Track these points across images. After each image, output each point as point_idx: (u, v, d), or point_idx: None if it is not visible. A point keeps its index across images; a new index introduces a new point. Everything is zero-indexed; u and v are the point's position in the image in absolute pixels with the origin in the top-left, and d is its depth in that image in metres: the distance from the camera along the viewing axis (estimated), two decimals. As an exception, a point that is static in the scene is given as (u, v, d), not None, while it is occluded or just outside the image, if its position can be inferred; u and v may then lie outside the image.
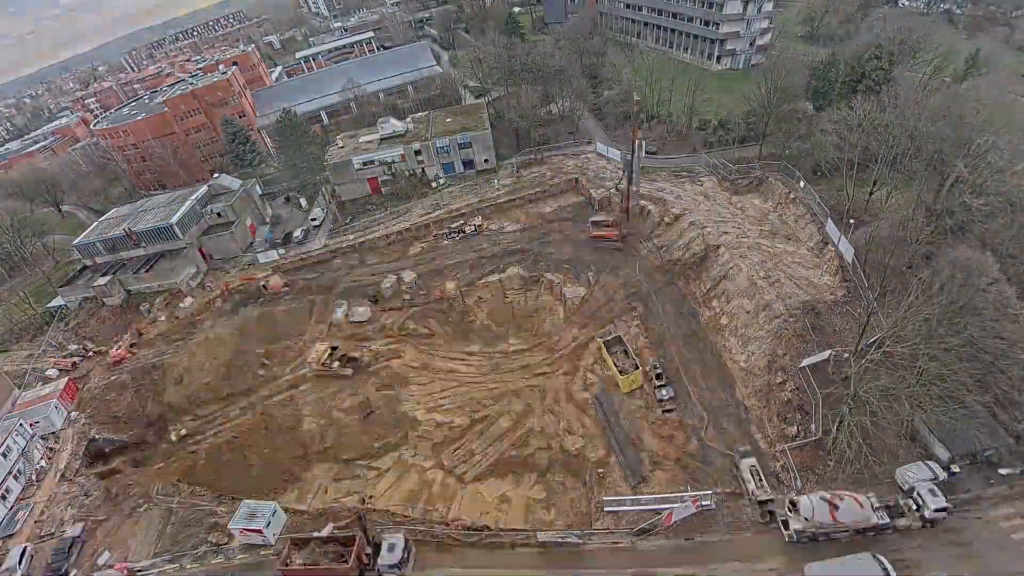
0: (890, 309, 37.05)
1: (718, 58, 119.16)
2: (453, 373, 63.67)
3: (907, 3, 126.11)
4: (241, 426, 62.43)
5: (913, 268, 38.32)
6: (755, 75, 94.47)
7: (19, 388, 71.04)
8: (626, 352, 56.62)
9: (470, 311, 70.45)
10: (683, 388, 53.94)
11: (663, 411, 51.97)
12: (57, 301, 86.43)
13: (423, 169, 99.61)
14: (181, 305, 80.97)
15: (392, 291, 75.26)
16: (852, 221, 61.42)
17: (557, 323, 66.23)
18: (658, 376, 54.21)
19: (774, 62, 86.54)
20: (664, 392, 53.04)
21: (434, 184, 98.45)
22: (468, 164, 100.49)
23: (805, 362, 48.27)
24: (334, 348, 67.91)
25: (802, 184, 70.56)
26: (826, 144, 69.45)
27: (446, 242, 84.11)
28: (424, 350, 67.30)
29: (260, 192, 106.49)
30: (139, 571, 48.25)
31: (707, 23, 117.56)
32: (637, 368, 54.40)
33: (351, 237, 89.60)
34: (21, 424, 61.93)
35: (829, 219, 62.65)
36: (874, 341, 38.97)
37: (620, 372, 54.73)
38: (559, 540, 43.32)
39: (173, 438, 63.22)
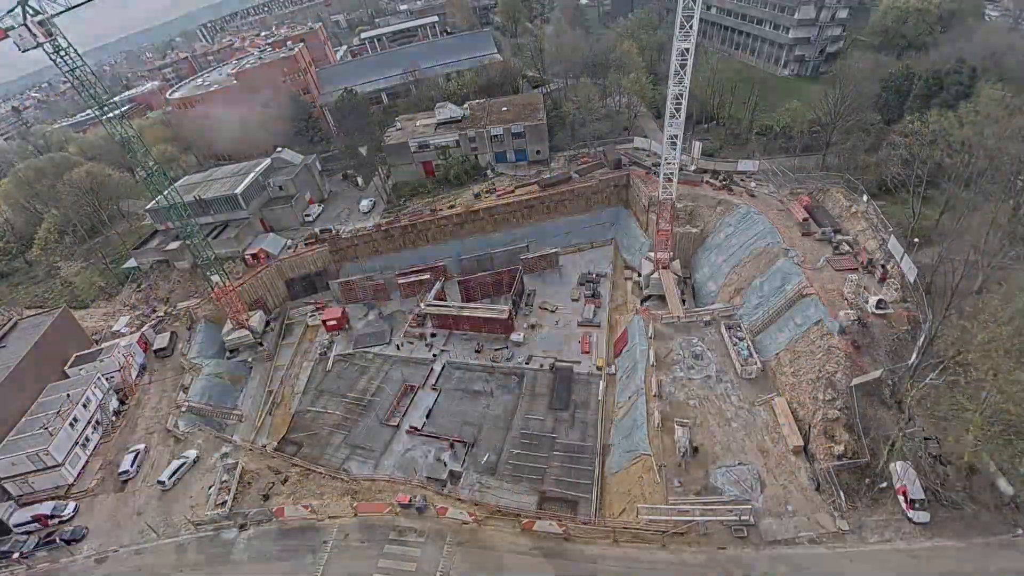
0: (957, 334, 35.94)
1: (785, 63, 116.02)
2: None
3: (994, 17, 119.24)
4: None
5: (983, 293, 36.95)
6: (823, 83, 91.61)
7: (96, 343, 76.18)
8: None
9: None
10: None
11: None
12: (130, 263, 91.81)
13: (476, 156, 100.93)
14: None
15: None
16: (917, 240, 59.54)
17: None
18: None
19: (844, 70, 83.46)
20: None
21: (488, 172, 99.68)
22: (521, 154, 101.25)
23: (856, 381, 47.52)
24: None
25: (865, 198, 68.56)
26: (894, 158, 67.31)
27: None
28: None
29: (319, 168, 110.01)
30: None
31: (777, 27, 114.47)
32: None
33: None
34: (99, 378, 66.52)
35: (892, 236, 60.79)
36: (938, 366, 38.08)
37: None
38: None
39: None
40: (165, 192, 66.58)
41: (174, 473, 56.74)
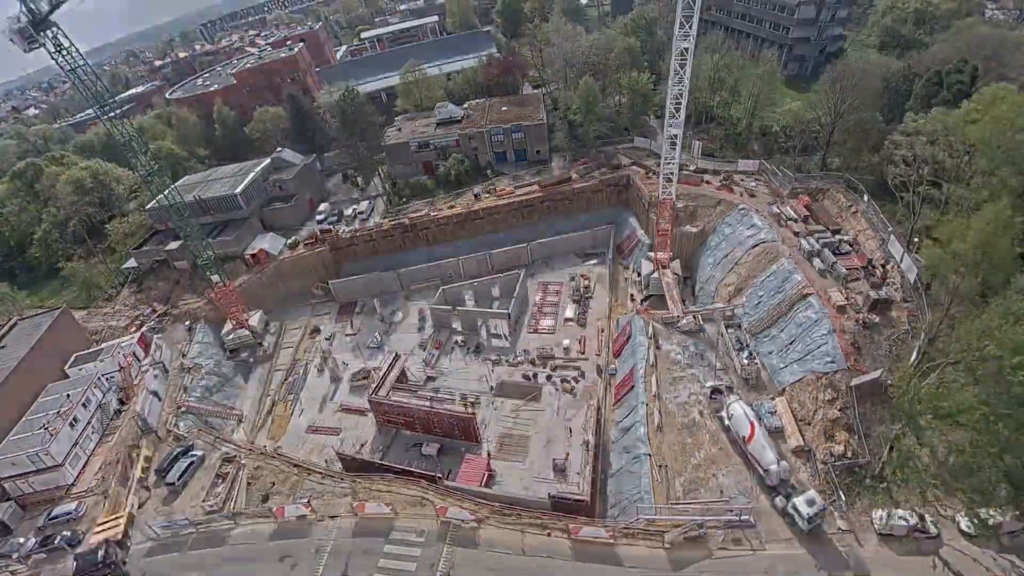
0: (960, 335, 35.90)
1: (785, 63, 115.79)
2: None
3: (994, 15, 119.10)
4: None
5: (987, 295, 36.94)
6: (823, 82, 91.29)
7: (97, 343, 76.19)
8: None
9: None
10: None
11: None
12: (130, 263, 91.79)
13: (476, 156, 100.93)
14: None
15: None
16: (917, 240, 59.51)
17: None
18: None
19: (843, 69, 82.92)
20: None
21: (488, 172, 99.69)
22: (521, 154, 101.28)
23: (855, 381, 47.53)
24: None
25: (866, 198, 68.55)
26: (894, 158, 67.17)
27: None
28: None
29: (320, 168, 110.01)
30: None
31: (777, 27, 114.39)
32: None
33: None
34: (100, 378, 66.50)
35: (892, 236, 60.81)
36: (937, 366, 38.10)
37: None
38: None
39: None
40: (166, 192, 66.47)
41: (183, 473, 56.72)
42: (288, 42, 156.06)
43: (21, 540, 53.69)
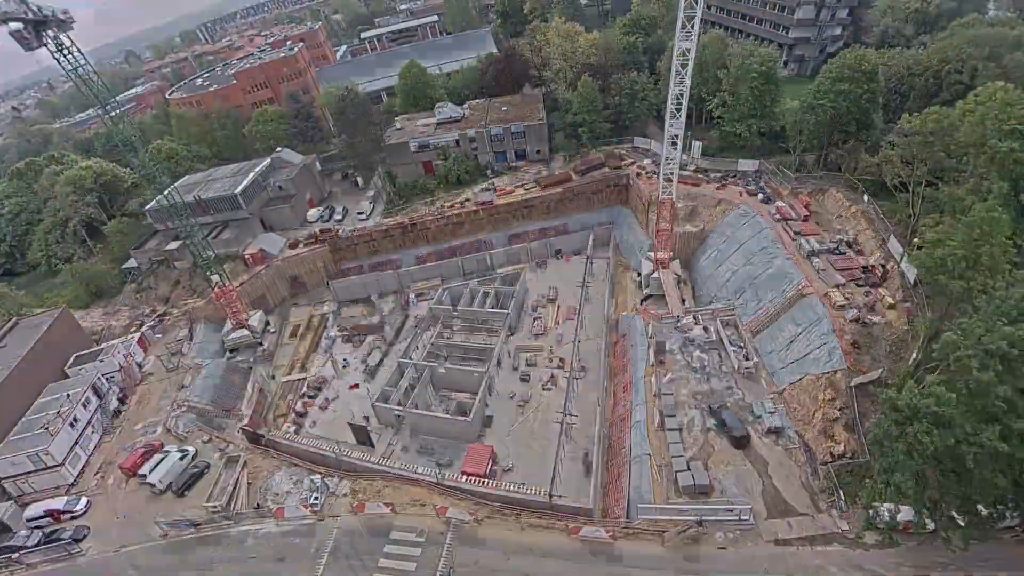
0: (958, 334, 35.82)
1: (785, 63, 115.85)
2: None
3: (996, 14, 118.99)
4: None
5: (987, 294, 37.08)
6: (822, 80, 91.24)
7: (97, 343, 76.16)
8: None
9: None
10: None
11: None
12: (130, 263, 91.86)
13: (476, 156, 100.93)
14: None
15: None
16: (916, 240, 59.49)
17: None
18: None
19: (840, 68, 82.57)
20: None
21: (488, 172, 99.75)
22: (521, 154, 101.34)
23: (856, 381, 47.59)
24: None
25: (866, 198, 68.59)
26: (894, 158, 67.16)
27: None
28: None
29: (319, 168, 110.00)
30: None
31: (777, 27, 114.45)
32: None
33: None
34: (100, 378, 66.50)
35: (892, 236, 60.87)
36: (934, 367, 38.09)
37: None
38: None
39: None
40: (166, 192, 66.43)
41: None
42: (288, 42, 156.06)
43: (25, 536, 53.77)
